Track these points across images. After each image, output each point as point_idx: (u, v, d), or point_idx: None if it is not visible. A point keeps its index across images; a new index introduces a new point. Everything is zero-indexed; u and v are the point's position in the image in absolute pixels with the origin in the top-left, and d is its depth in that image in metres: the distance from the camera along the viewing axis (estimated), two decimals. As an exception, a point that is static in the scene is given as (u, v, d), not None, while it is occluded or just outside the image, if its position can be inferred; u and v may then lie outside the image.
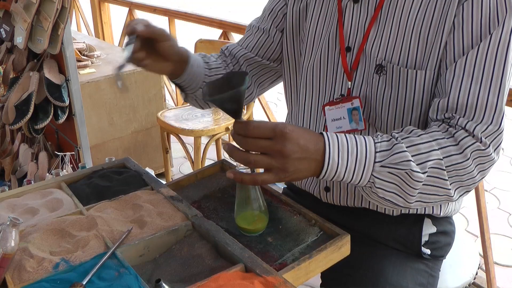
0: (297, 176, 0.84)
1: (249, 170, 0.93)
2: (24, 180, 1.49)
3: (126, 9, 4.19)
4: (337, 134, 0.86)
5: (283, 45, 1.20)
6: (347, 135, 0.87)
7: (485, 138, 0.88)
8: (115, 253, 0.89)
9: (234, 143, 0.85)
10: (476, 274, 1.37)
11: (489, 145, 0.88)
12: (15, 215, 1.03)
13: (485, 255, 1.87)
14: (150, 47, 1.00)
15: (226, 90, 0.81)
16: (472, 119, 0.89)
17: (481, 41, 0.89)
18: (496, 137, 0.89)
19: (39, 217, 1.03)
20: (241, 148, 0.84)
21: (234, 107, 0.84)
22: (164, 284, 0.78)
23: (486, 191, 2.83)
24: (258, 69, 1.24)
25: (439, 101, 0.93)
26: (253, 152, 0.83)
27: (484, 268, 1.92)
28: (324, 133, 0.86)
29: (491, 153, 0.89)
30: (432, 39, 0.94)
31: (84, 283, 0.80)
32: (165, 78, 2.93)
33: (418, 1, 0.95)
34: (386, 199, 0.89)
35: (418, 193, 0.88)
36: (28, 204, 1.07)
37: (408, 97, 0.98)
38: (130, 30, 0.96)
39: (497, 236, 2.45)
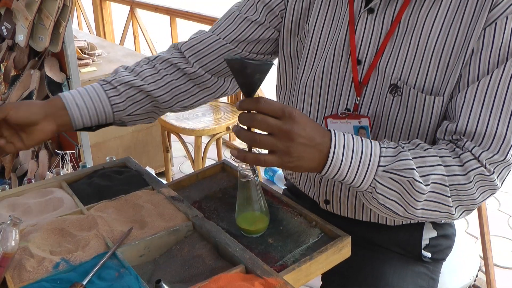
0: (300, 164, 0.82)
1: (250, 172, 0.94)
2: (25, 179, 1.49)
3: (128, 8, 4.19)
4: (344, 133, 0.85)
5: (278, 44, 1.13)
6: (353, 135, 0.86)
7: (489, 165, 0.86)
8: (116, 253, 0.89)
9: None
10: (476, 276, 1.37)
11: (493, 172, 0.86)
12: (15, 214, 1.03)
13: (485, 257, 1.87)
14: (8, 129, 0.98)
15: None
16: (479, 145, 0.86)
17: (497, 68, 0.86)
18: (499, 165, 0.86)
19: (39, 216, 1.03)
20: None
21: (259, 80, 0.81)
22: (164, 285, 0.78)
23: (487, 192, 2.82)
24: None
25: (448, 125, 0.90)
26: (259, 132, 0.81)
27: (484, 270, 1.92)
28: (332, 129, 0.85)
29: (495, 180, 0.86)
30: (452, 64, 0.90)
31: (84, 283, 0.80)
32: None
33: (439, 22, 0.90)
34: (386, 207, 0.88)
35: (420, 208, 0.87)
36: (29, 203, 1.07)
37: (423, 122, 0.94)
38: None
39: (497, 238, 2.45)
